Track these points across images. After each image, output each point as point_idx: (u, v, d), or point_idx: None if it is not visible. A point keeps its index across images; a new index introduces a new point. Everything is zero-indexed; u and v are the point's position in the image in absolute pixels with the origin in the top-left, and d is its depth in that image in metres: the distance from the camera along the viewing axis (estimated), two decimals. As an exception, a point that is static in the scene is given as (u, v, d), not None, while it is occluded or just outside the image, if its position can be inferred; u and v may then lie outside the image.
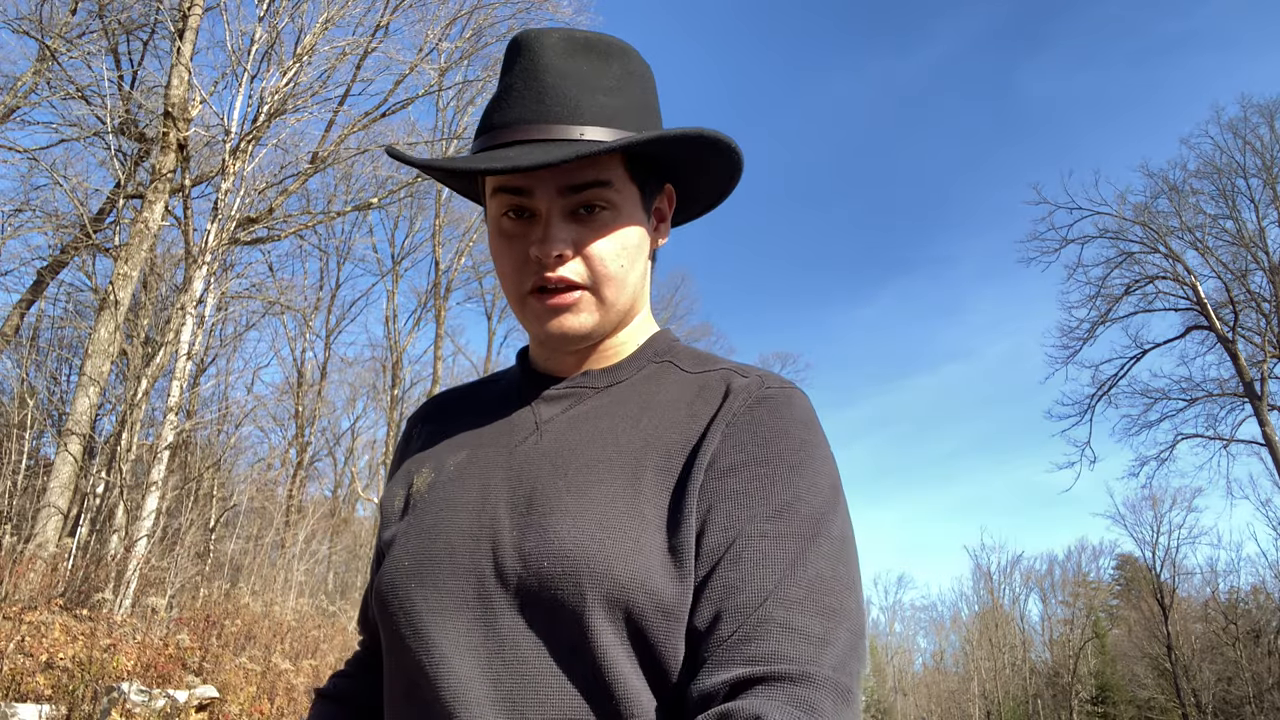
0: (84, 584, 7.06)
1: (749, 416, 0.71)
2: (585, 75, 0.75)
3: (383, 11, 12.44)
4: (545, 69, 0.74)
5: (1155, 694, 32.55)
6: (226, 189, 10.12)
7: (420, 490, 0.79)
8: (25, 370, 11.43)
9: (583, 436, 0.75)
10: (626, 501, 0.68)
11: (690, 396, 0.76)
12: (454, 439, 0.83)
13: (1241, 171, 21.98)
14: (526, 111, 0.74)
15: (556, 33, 0.77)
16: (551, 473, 0.72)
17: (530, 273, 0.75)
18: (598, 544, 0.65)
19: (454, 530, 0.72)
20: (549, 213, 0.73)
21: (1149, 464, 22.77)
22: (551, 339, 0.77)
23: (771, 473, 0.68)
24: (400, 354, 21.42)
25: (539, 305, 0.75)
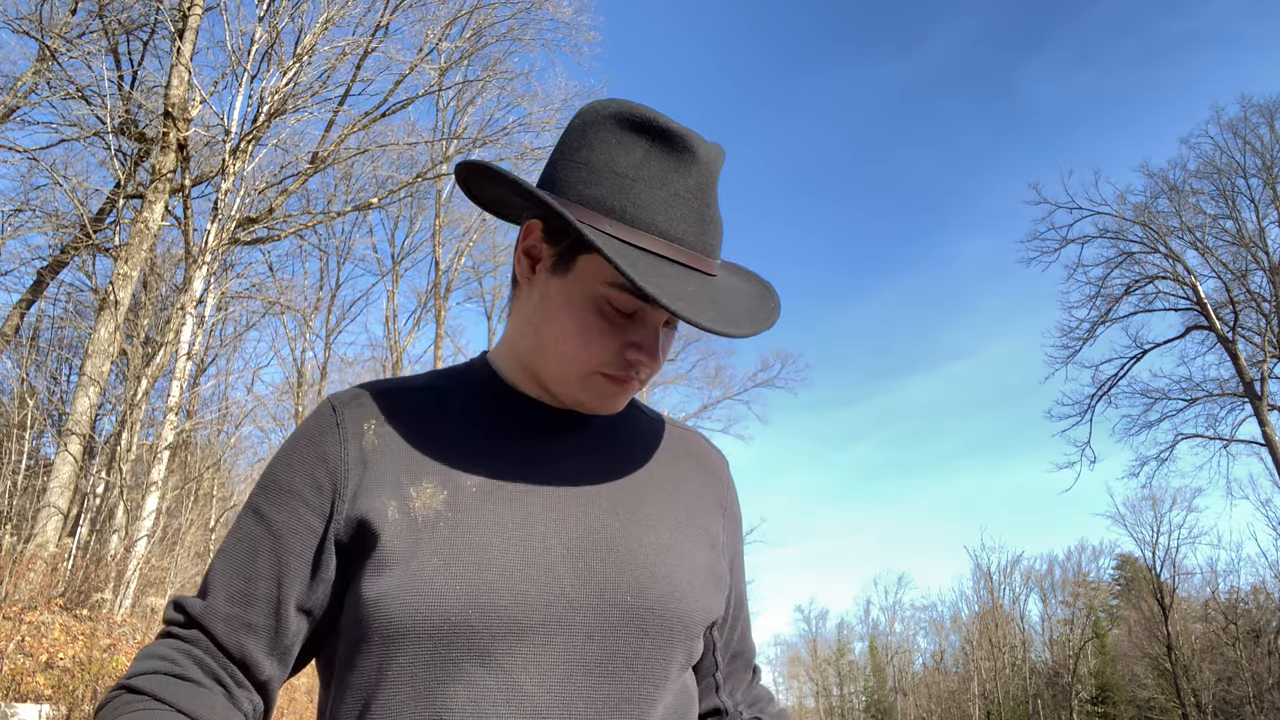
0: (84, 584, 7.06)
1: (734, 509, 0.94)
2: (718, 207, 0.80)
3: (383, 11, 12.45)
4: (710, 192, 0.77)
5: (1155, 694, 32.56)
6: (226, 189, 10.12)
7: (433, 507, 0.74)
8: (25, 370, 11.43)
9: (605, 473, 0.82)
10: (683, 546, 0.80)
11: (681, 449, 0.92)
12: (454, 455, 0.78)
13: (1241, 171, 22.00)
14: (692, 236, 0.76)
15: (715, 150, 0.79)
16: (598, 508, 0.78)
17: (618, 364, 0.78)
18: (673, 583, 0.76)
19: (506, 555, 0.71)
20: (658, 324, 0.79)
21: (1149, 464, 22.81)
22: (597, 411, 0.83)
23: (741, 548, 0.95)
24: (400, 354, 21.43)
25: (607, 385, 0.80)
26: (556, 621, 0.70)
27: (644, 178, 0.75)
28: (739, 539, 0.94)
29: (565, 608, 0.70)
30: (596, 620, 0.71)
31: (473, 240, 21.67)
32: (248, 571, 0.76)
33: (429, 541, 0.72)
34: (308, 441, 0.80)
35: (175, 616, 0.77)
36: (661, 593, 0.74)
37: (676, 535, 0.80)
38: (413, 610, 0.69)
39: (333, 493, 0.76)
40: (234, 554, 0.77)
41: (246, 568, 0.76)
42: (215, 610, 0.75)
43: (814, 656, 52.78)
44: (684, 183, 0.75)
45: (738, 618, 0.92)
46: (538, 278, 0.81)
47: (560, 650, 0.70)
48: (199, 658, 0.73)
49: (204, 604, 0.76)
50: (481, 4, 14.25)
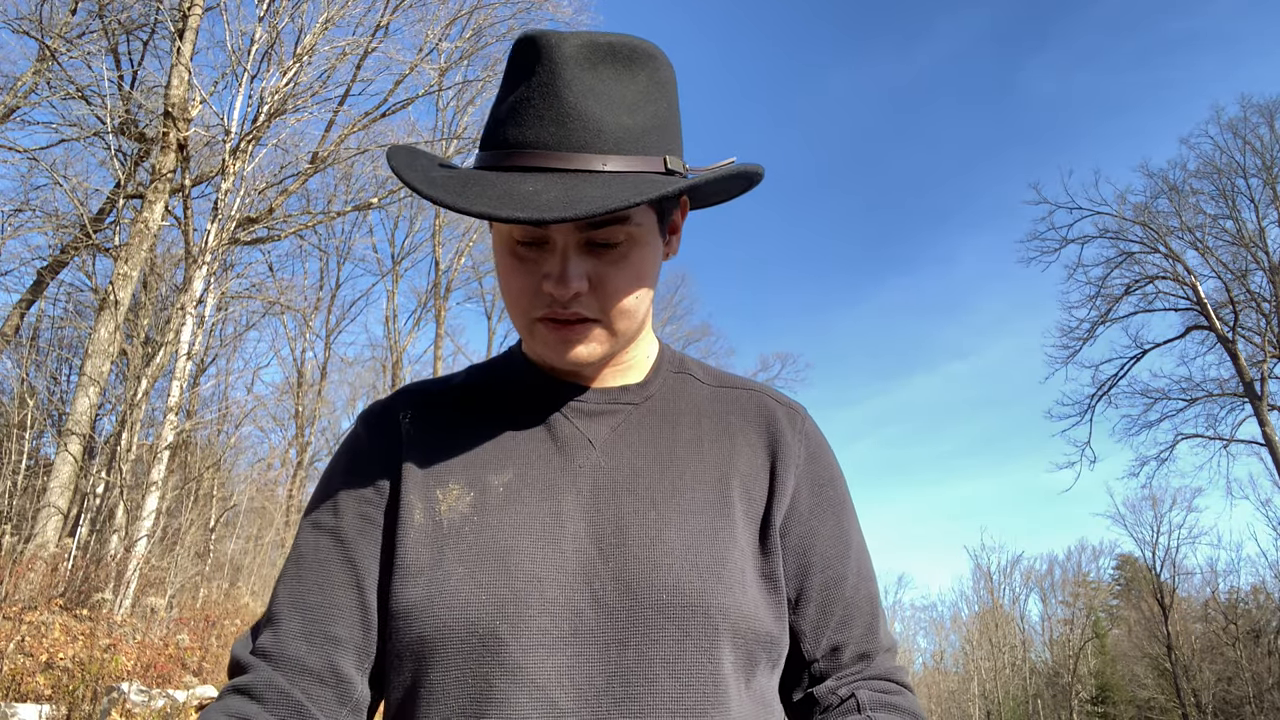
0: (84, 584, 7.06)
1: (809, 464, 0.81)
2: (609, 91, 0.69)
3: (383, 11, 12.45)
4: (567, 84, 0.68)
5: (1155, 694, 32.56)
6: (226, 189, 10.12)
7: (459, 511, 0.72)
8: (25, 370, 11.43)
9: (647, 460, 0.76)
10: (727, 534, 0.72)
11: (736, 419, 0.82)
12: (479, 449, 0.76)
13: (1241, 171, 21.99)
14: (545, 134, 0.67)
15: (578, 38, 0.69)
16: (635, 500, 0.72)
17: (542, 303, 0.72)
18: (715, 578, 0.69)
19: (535, 560, 0.68)
20: (565, 247, 0.70)
21: (1149, 464, 22.80)
22: (562, 365, 0.76)
23: (839, 515, 0.82)
24: (400, 354, 21.44)
25: (548, 334, 0.73)
26: (589, 629, 0.66)
27: (504, 100, 0.71)
28: (824, 503, 0.80)
29: (597, 613, 0.66)
30: (633, 624, 0.66)
31: (473, 240, 21.67)
32: (321, 583, 0.72)
33: (454, 548, 0.69)
34: (350, 451, 0.79)
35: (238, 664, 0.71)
36: (702, 588, 0.68)
37: (721, 521, 0.73)
38: (439, 624, 0.66)
39: (377, 490, 0.76)
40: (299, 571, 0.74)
41: (319, 579, 0.72)
42: (290, 632, 0.70)
43: (814, 656, 52.70)
44: (529, 85, 0.69)
45: (829, 600, 0.78)
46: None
47: (595, 660, 0.65)
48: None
49: (274, 632, 0.71)
50: (481, 4, 14.26)
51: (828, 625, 0.78)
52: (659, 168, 0.70)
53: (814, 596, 0.77)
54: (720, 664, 0.67)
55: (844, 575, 0.79)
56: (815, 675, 0.78)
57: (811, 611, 0.77)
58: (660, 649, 0.66)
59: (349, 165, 14.96)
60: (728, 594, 0.69)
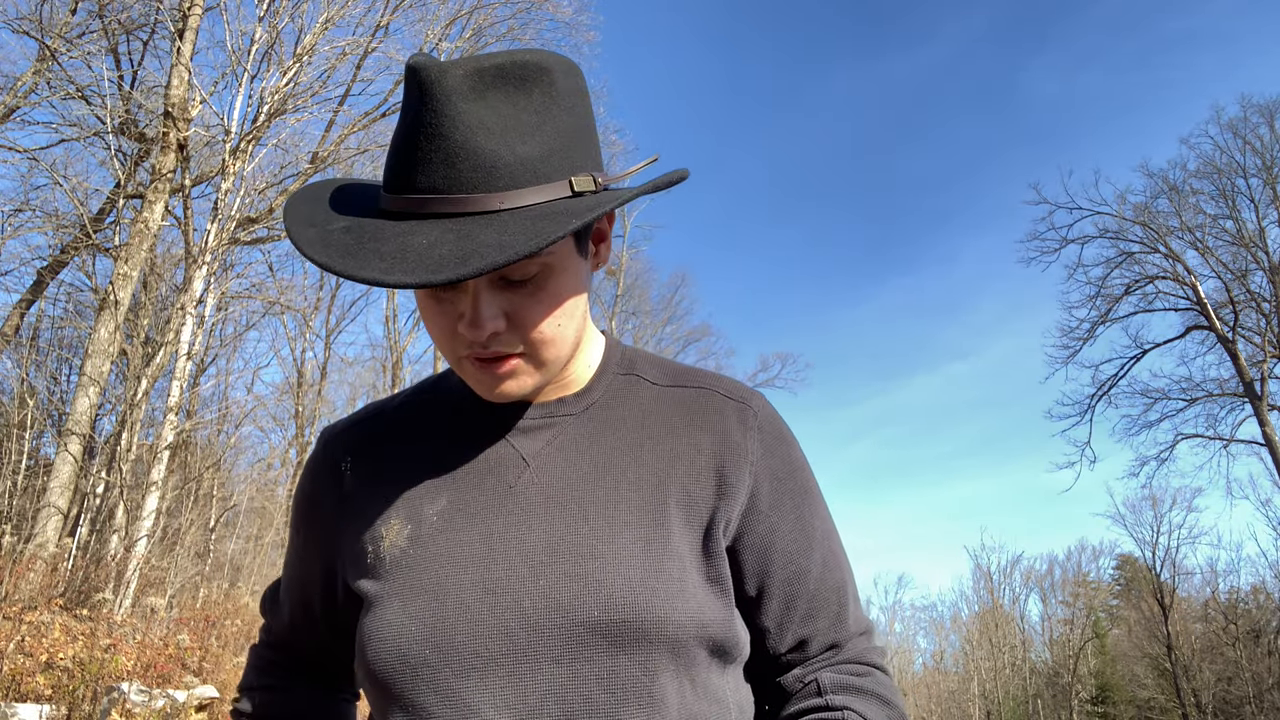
0: (84, 584, 7.06)
1: (766, 458, 0.78)
2: (501, 120, 0.64)
3: (383, 11, 12.45)
4: (453, 120, 0.63)
5: (1155, 694, 32.57)
6: (226, 189, 10.13)
7: (398, 545, 0.72)
8: (25, 370, 11.43)
9: (582, 471, 0.74)
10: (660, 543, 0.70)
11: (681, 420, 0.78)
12: (417, 481, 0.76)
13: (1241, 171, 21.99)
14: (435, 177, 0.63)
15: (462, 65, 0.64)
16: (566, 516, 0.71)
17: (462, 343, 0.69)
18: (648, 590, 0.67)
19: (463, 587, 0.68)
20: (476, 288, 0.67)
21: (1149, 464, 22.81)
22: (501, 400, 0.73)
23: (800, 507, 0.79)
24: (400, 354, 21.44)
25: (476, 372, 0.71)
26: (521, 650, 0.65)
27: (395, 136, 0.68)
28: (783, 495, 0.77)
29: (528, 633, 0.66)
30: (564, 642, 0.65)
31: (473, 240, 21.63)
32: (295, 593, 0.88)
33: (393, 583, 0.71)
34: (305, 482, 0.84)
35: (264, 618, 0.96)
36: (634, 602, 0.66)
37: (657, 530, 0.70)
38: (376, 655, 0.68)
39: (326, 531, 0.80)
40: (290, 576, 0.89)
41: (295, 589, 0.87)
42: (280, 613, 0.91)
43: (814, 656, 52.70)
44: (418, 123, 0.64)
45: (792, 594, 0.77)
46: None
47: (528, 680, 0.65)
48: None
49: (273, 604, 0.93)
50: (481, 4, 14.26)
51: (792, 620, 0.77)
52: (564, 192, 0.65)
53: (776, 592, 0.76)
54: (657, 675, 0.66)
55: (807, 569, 0.77)
56: (782, 667, 0.79)
57: (775, 607, 0.77)
58: (595, 666, 0.65)
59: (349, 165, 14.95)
60: (664, 604, 0.67)
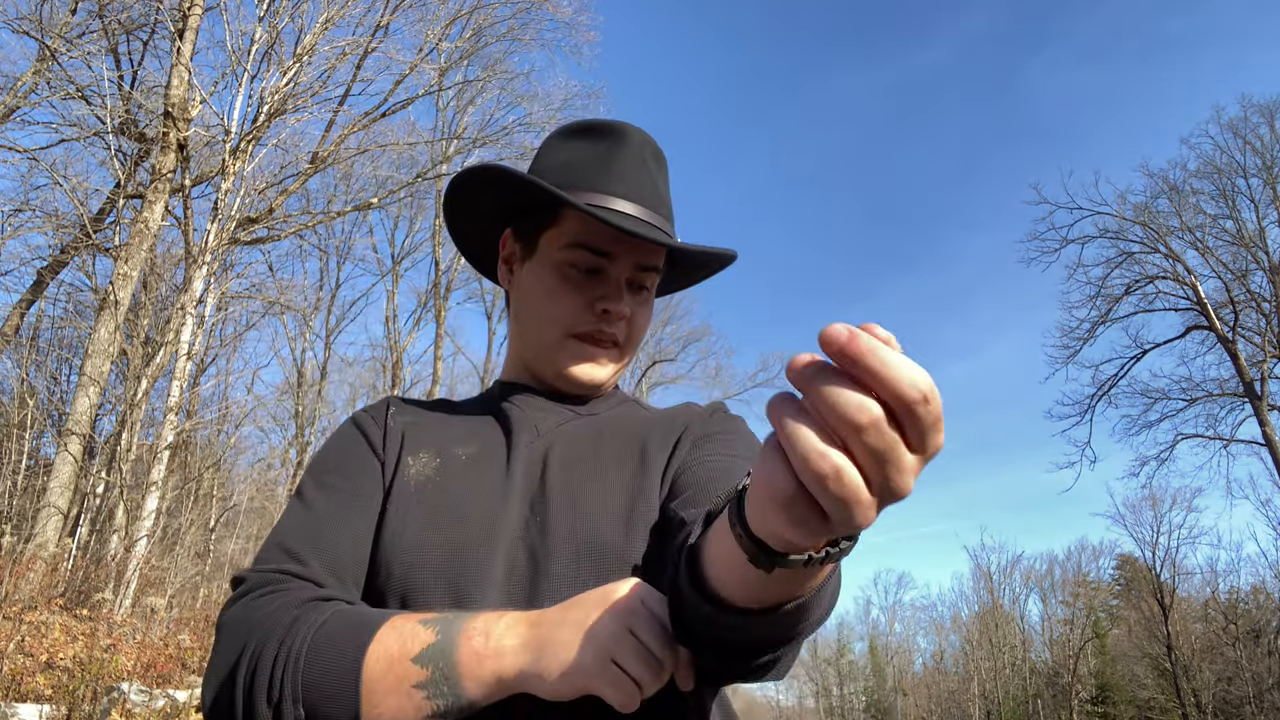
0: (84, 584, 7.06)
1: (705, 422, 0.91)
2: (659, 177, 0.92)
3: (383, 11, 12.45)
4: (642, 162, 0.90)
5: (1155, 694, 32.56)
6: (226, 189, 10.12)
7: (424, 473, 0.84)
8: (25, 370, 11.43)
9: (581, 443, 0.87)
10: (636, 488, 0.81)
11: (665, 419, 0.92)
12: (453, 432, 0.89)
13: (1241, 171, 21.97)
14: (644, 196, 0.88)
15: (643, 135, 0.92)
16: (562, 469, 0.83)
17: (588, 321, 0.88)
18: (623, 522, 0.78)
19: (481, 516, 0.79)
20: (620, 279, 0.88)
21: (1149, 464, 22.76)
22: (574, 379, 0.91)
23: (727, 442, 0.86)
24: (400, 354, 21.42)
25: (580, 348, 0.89)
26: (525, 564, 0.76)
27: (586, 159, 0.89)
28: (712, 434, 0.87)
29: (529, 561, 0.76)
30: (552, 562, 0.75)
31: (473, 240, 21.59)
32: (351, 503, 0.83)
33: (419, 500, 0.82)
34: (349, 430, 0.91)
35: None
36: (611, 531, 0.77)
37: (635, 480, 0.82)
38: (399, 561, 0.77)
39: (377, 458, 0.87)
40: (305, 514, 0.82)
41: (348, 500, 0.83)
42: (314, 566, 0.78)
43: (814, 656, 52.74)
44: (620, 155, 0.89)
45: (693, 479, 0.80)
46: (515, 276, 0.94)
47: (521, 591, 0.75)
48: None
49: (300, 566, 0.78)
50: (481, 4, 14.25)
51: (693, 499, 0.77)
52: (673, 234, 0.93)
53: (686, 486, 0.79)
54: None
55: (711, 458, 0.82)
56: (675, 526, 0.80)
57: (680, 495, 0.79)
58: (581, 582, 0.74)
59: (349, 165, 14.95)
60: (634, 535, 0.77)
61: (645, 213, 0.87)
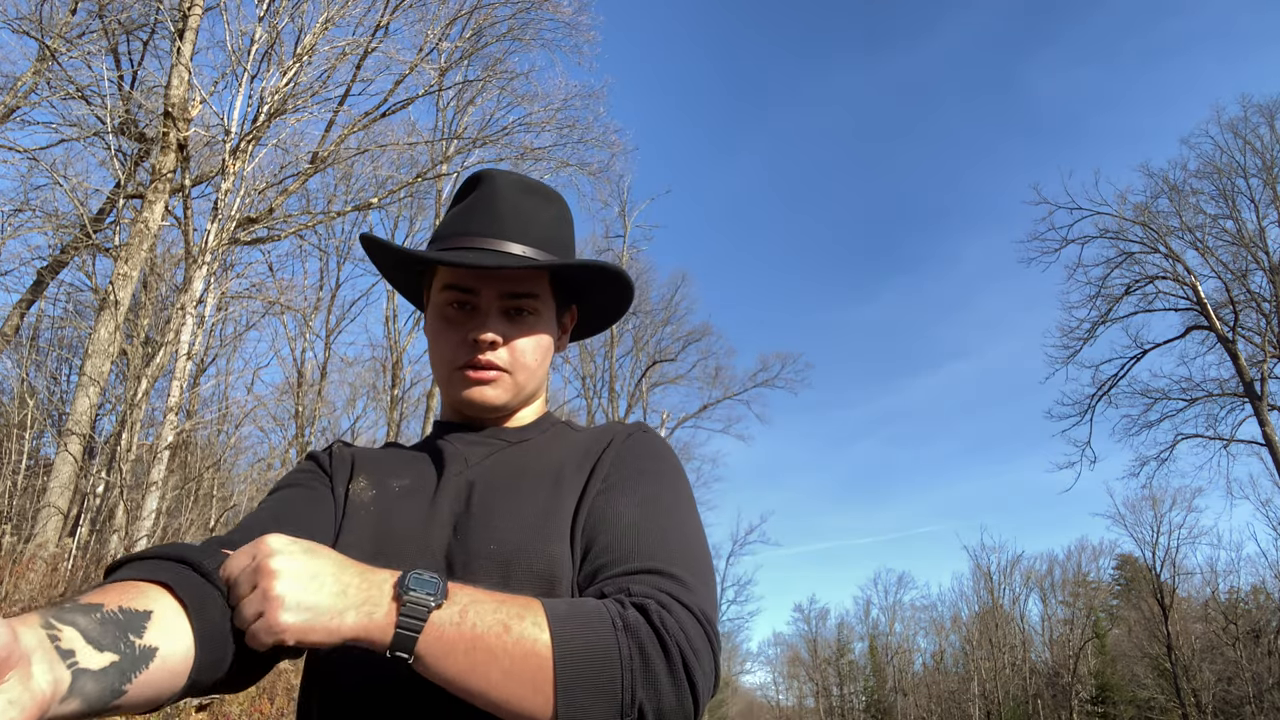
0: (84, 584, 7.06)
1: (621, 452, 0.96)
2: (530, 210, 0.99)
3: (383, 11, 12.45)
4: (502, 198, 0.98)
5: (1155, 694, 32.57)
6: (226, 189, 10.12)
7: (360, 496, 0.95)
8: (25, 370, 11.43)
9: (509, 469, 0.96)
10: (549, 504, 0.90)
11: (588, 441, 1.00)
12: (390, 467, 1.00)
13: (1242, 171, 21.98)
14: (483, 226, 0.97)
15: (513, 174, 1.02)
16: (486, 491, 0.93)
17: (465, 352, 0.97)
18: (533, 532, 0.86)
19: (404, 537, 0.90)
20: (489, 309, 0.97)
21: (1149, 464, 22.78)
22: (471, 405, 0.98)
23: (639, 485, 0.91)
24: (400, 354, 21.42)
25: (465, 378, 0.97)
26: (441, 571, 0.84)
27: (456, 212, 1.01)
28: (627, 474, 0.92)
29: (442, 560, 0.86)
30: (470, 571, 0.84)
31: (473, 240, 21.60)
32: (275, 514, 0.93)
33: (352, 521, 0.92)
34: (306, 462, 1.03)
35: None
36: (519, 543, 0.85)
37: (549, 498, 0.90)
38: None
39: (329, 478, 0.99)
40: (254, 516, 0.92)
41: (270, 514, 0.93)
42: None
43: (814, 656, 52.75)
44: (470, 198, 1.00)
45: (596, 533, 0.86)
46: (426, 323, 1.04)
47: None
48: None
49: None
50: (481, 4, 14.25)
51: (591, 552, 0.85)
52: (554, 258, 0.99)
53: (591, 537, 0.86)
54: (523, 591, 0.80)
55: (619, 515, 0.87)
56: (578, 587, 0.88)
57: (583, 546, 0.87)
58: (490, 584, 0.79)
59: (349, 165, 14.95)
60: (544, 545, 0.85)
61: (505, 244, 0.95)
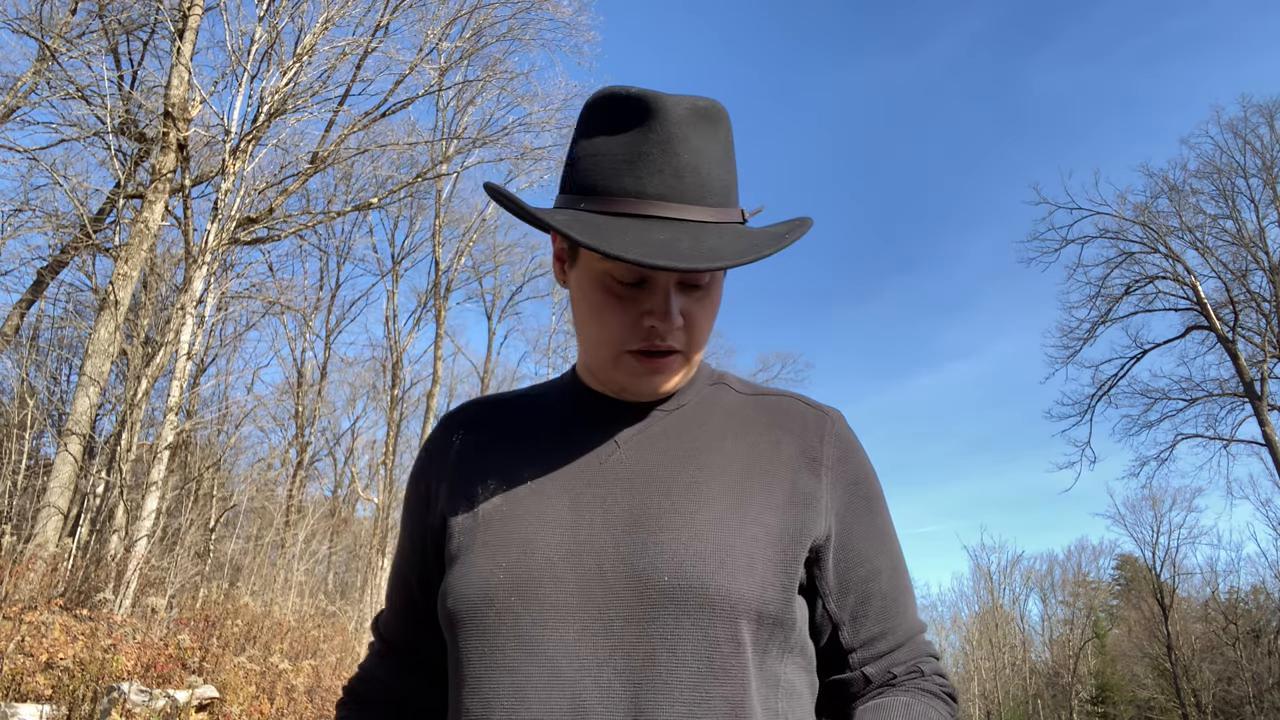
0: (84, 584, 7.06)
1: (841, 464, 0.84)
2: (708, 149, 0.78)
3: (383, 11, 12.45)
4: (681, 142, 0.76)
5: (1155, 694, 32.55)
6: (226, 189, 10.12)
7: (493, 502, 0.81)
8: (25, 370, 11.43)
9: (668, 455, 0.81)
10: (735, 524, 0.76)
11: (763, 421, 0.86)
12: (518, 452, 0.85)
13: (1241, 171, 21.98)
14: (665, 187, 0.75)
15: (685, 102, 0.78)
16: (650, 491, 0.78)
17: (638, 336, 0.79)
18: (718, 563, 0.72)
19: (549, 544, 0.75)
20: (667, 286, 0.77)
21: (1149, 464, 22.79)
22: (639, 394, 0.84)
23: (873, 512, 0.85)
24: (400, 354, 21.42)
25: (637, 364, 0.80)
26: (597, 606, 0.71)
27: (611, 149, 0.77)
28: (857, 499, 0.84)
29: (604, 592, 0.72)
30: (636, 603, 0.71)
31: (473, 240, 21.66)
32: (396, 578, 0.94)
33: (483, 535, 0.79)
34: (419, 459, 0.93)
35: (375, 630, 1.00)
36: (704, 572, 0.71)
37: (732, 511, 0.76)
38: (463, 599, 0.76)
39: (427, 503, 0.88)
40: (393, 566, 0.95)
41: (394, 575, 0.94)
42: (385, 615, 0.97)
43: (814, 656, 52.67)
44: (647, 140, 0.76)
45: (868, 593, 0.82)
46: (568, 278, 0.85)
47: (600, 634, 0.71)
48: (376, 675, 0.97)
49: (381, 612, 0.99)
50: (481, 4, 14.25)
51: (867, 616, 0.82)
52: (739, 219, 0.80)
53: (853, 589, 0.82)
54: (718, 644, 0.70)
55: (880, 569, 0.83)
56: (853, 663, 0.83)
57: (851, 602, 0.82)
58: (660, 626, 0.70)
59: (349, 165, 14.96)
60: (730, 579, 0.72)
61: (688, 209, 0.75)
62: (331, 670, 8.44)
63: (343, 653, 9.95)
